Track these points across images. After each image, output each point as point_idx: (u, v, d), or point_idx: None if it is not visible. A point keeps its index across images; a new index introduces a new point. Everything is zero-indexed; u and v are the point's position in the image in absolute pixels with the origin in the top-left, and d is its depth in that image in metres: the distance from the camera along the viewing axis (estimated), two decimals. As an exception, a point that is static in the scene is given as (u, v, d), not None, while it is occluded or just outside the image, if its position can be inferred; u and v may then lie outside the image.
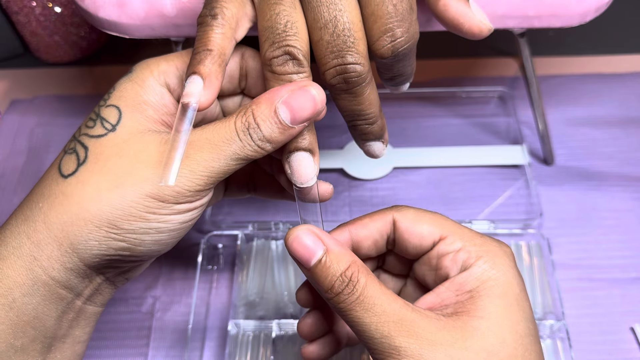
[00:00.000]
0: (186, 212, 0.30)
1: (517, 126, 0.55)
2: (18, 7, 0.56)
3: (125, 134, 0.30)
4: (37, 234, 0.29)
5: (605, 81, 0.58)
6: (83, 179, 0.29)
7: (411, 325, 0.27)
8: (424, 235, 0.31)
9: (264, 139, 0.29)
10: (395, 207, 0.32)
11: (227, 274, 0.47)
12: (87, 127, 0.30)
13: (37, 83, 0.61)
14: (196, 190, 0.29)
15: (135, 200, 0.28)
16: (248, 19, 0.31)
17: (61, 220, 0.28)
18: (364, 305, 0.28)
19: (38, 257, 0.29)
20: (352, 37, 0.29)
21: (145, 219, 0.29)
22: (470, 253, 0.30)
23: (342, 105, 0.31)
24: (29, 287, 0.29)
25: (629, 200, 0.50)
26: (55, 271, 0.29)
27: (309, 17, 0.30)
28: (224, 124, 0.29)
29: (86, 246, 0.29)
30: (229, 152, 0.28)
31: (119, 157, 0.29)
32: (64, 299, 0.30)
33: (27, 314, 0.29)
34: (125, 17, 0.38)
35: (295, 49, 0.29)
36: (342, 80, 0.30)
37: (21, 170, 0.54)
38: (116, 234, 0.29)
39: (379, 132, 0.33)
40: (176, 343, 0.44)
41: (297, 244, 0.29)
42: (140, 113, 0.30)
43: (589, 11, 0.39)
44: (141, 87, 0.31)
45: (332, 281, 0.28)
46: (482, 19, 0.32)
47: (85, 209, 0.28)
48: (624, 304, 0.45)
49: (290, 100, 0.28)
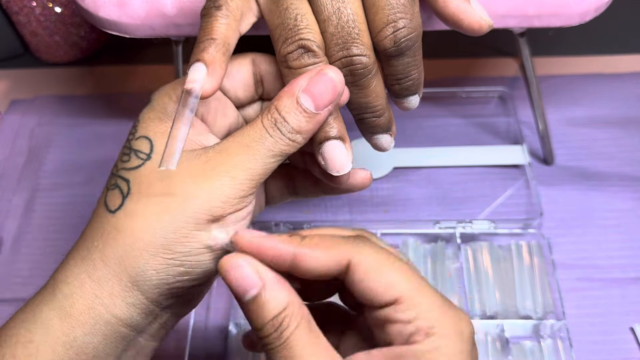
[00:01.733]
0: (235, 223, 0.29)
1: (517, 126, 0.55)
2: (18, 7, 0.56)
3: None
4: (96, 271, 0.28)
5: (605, 81, 0.58)
6: (130, 210, 0.28)
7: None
8: (378, 294, 0.27)
9: (293, 131, 0.28)
10: (357, 241, 0.28)
11: (227, 274, 0.47)
12: (123, 162, 0.30)
13: (37, 83, 0.61)
14: (241, 196, 0.28)
15: (185, 219, 0.28)
16: (252, 13, 0.31)
17: (117, 255, 0.28)
18: (285, 354, 0.26)
19: (99, 294, 0.28)
20: (357, 28, 0.29)
21: (197, 237, 0.28)
22: (420, 329, 0.26)
23: (348, 99, 0.31)
24: (91, 326, 0.28)
25: (629, 200, 0.50)
26: (117, 308, 0.28)
27: (312, 9, 0.30)
28: (252, 126, 0.29)
29: (144, 277, 0.28)
30: (263, 150, 0.28)
31: (160, 181, 0.29)
32: (126, 338, 0.29)
33: (86, 353, 0.28)
34: (125, 17, 0.38)
35: (308, 41, 0.29)
36: (348, 72, 0.30)
37: (21, 170, 0.54)
38: (172, 259, 0.28)
39: (387, 125, 0.33)
40: (176, 343, 0.44)
41: (232, 275, 0.27)
42: None
43: (588, 11, 0.39)
44: (164, 114, 0.31)
45: (263, 324, 0.26)
46: (482, 15, 0.32)
47: (138, 238, 0.28)
48: (624, 304, 0.45)
49: (309, 87, 0.28)
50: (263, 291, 0.26)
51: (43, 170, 0.54)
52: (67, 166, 0.54)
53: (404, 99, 0.33)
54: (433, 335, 0.26)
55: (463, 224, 0.47)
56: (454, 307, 0.27)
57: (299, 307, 0.27)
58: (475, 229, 0.47)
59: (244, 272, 0.26)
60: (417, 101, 0.34)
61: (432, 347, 0.26)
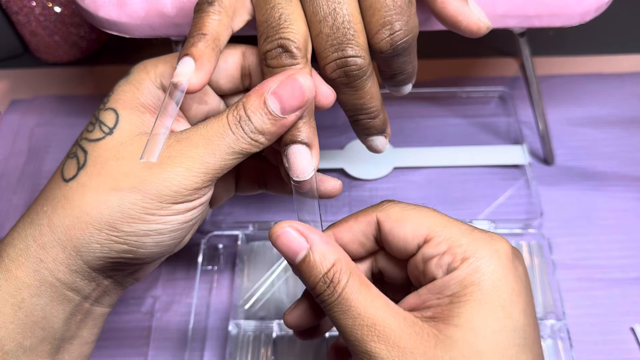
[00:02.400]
0: (186, 211, 0.30)
1: (517, 126, 0.55)
2: (18, 7, 0.56)
3: (123, 137, 0.30)
4: (42, 236, 0.29)
5: (605, 81, 0.58)
6: (83, 182, 0.29)
7: (384, 330, 0.26)
8: (408, 239, 0.29)
9: (256, 131, 0.28)
10: (382, 204, 0.30)
11: (228, 274, 0.47)
12: (87, 132, 0.31)
13: (37, 83, 0.61)
14: (194, 188, 0.29)
15: (133, 202, 0.28)
16: (246, 11, 0.31)
17: (64, 223, 0.29)
18: (341, 307, 0.27)
19: (44, 259, 0.29)
20: (352, 29, 0.29)
21: (144, 220, 0.29)
22: (456, 256, 0.27)
23: (343, 100, 0.31)
24: (37, 288, 0.29)
25: (630, 200, 0.50)
26: (61, 273, 0.29)
27: (307, 10, 0.30)
28: (216, 119, 0.29)
29: (89, 249, 0.29)
30: (223, 146, 0.28)
31: (116, 159, 0.29)
32: (72, 301, 0.30)
33: (35, 314, 0.29)
34: (125, 17, 0.38)
35: (288, 41, 0.29)
36: (343, 73, 0.30)
37: (21, 170, 0.54)
38: (117, 237, 0.29)
39: (381, 127, 0.33)
40: (176, 343, 0.44)
41: (281, 241, 0.29)
42: (137, 116, 0.31)
43: (589, 11, 0.39)
44: (138, 90, 0.31)
45: (315, 282, 0.28)
46: (480, 17, 0.32)
47: (86, 212, 0.28)
48: (624, 304, 0.45)
49: (278, 90, 0.28)
50: (311, 252, 0.28)
51: (43, 170, 0.54)
52: (67, 166, 0.54)
53: (396, 87, 0.34)
54: (469, 259, 0.27)
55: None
56: (484, 231, 0.28)
57: (347, 263, 0.28)
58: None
59: (291, 236, 0.28)
60: (409, 88, 0.34)
61: (472, 269, 0.27)
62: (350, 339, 0.27)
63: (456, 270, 0.27)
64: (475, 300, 0.26)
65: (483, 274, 0.26)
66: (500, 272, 0.27)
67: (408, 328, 0.26)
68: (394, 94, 0.35)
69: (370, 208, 0.30)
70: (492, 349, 0.25)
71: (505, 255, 0.27)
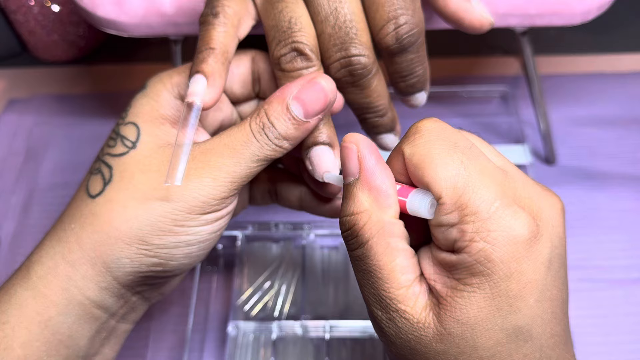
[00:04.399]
0: (214, 221, 0.30)
1: (519, 125, 0.54)
2: (16, 6, 0.56)
3: (146, 150, 0.30)
4: (71, 254, 0.29)
5: (607, 80, 0.58)
6: (110, 197, 0.29)
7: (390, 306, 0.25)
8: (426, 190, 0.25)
9: (280, 137, 0.28)
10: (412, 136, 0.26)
11: (227, 275, 0.47)
12: (109, 147, 0.31)
13: (35, 82, 0.60)
14: (221, 197, 0.29)
15: (163, 214, 0.28)
16: (251, 17, 0.31)
17: (93, 240, 0.29)
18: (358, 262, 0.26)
19: (73, 276, 0.29)
20: (355, 28, 0.29)
21: (174, 232, 0.29)
22: (465, 234, 0.23)
23: (350, 99, 0.31)
24: (65, 307, 0.29)
25: (632, 200, 0.50)
26: (90, 291, 0.29)
27: (309, 10, 0.30)
28: (239, 128, 0.29)
29: (119, 264, 0.29)
30: (248, 154, 0.28)
31: (142, 173, 0.29)
32: (99, 319, 0.30)
33: (61, 333, 0.29)
34: (123, 16, 0.38)
35: (301, 44, 0.29)
36: (348, 73, 0.29)
37: (19, 169, 0.54)
38: (147, 250, 0.29)
39: (390, 124, 0.33)
40: (175, 344, 0.44)
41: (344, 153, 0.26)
42: (157, 128, 0.31)
43: (591, 9, 0.38)
44: (156, 102, 0.31)
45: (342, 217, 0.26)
46: (482, 13, 0.32)
47: (115, 227, 0.28)
48: (626, 305, 0.45)
49: (300, 95, 0.28)
50: (358, 183, 0.25)
51: (41, 169, 0.54)
52: (65, 165, 0.54)
53: (410, 96, 0.33)
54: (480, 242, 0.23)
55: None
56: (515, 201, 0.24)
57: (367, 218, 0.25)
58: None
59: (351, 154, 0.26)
60: (424, 98, 0.33)
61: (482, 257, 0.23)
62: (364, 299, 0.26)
63: (465, 254, 0.24)
64: (482, 295, 0.24)
65: (494, 264, 0.23)
66: (515, 265, 0.23)
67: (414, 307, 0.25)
68: (407, 105, 0.33)
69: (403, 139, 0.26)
70: (489, 345, 0.24)
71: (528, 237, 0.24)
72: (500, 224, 0.23)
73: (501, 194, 0.24)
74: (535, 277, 0.24)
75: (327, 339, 0.43)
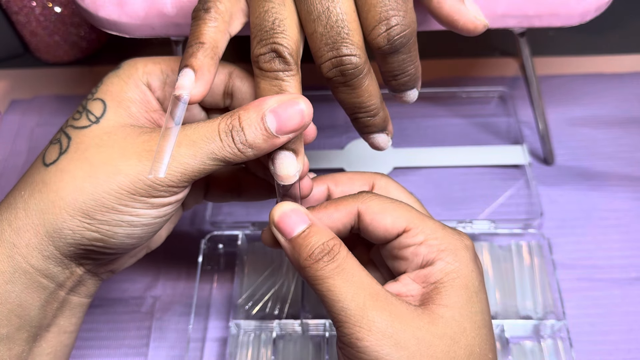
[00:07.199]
0: (160, 207, 0.30)
1: (517, 126, 0.55)
2: (18, 7, 0.56)
3: (108, 127, 0.30)
4: (17, 220, 0.29)
5: (605, 81, 0.58)
6: (62, 167, 0.29)
7: (386, 301, 0.28)
8: (388, 228, 0.31)
9: (246, 144, 0.29)
10: (360, 196, 0.32)
11: (228, 274, 0.47)
12: (74, 119, 0.31)
13: (37, 83, 0.61)
14: (168, 185, 0.29)
15: (107, 191, 0.28)
16: (243, 14, 0.31)
17: (39, 207, 0.29)
18: (343, 275, 0.28)
19: (17, 244, 0.29)
20: (346, 28, 0.29)
21: (117, 210, 0.29)
22: (432, 247, 0.30)
23: (341, 99, 0.31)
24: (10, 275, 0.29)
25: (630, 200, 0.50)
26: (34, 259, 0.29)
27: (302, 9, 0.29)
28: (207, 124, 0.29)
29: (60, 234, 0.29)
30: (206, 150, 0.28)
31: (97, 147, 0.29)
32: (46, 288, 0.30)
33: (10, 302, 0.29)
34: (125, 17, 0.38)
35: (281, 46, 0.29)
36: (339, 72, 0.30)
37: (21, 170, 0.54)
38: (89, 224, 0.29)
39: (382, 124, 0.33)
40: (176, 343, 0.44)
41: (282, 218, 0.30)
42: (124, 108, 0.31)
43: (589, 11, 0.39)
44: (126, 84, 0.32)
45: (313, 249, 0.29)
46: (476, 15, 0.32)
47: (61, 197, 0.29)
48: (624, 304, 0.45)
49: (278, 109, 0.28)
50: (310, 227, 0.30)
51: (43, 170, 0.54)
52: (67, 166, 0.54)
53: (401, 93, 0.33)
54: (446, 249, 0.30)
55: (463, 224, 0.47)
56: (452, 228, 0.32)
57: (342, 242, 0.30)
58: (475, 229, 0.47)
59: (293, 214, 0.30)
60: (415, 95, 0.34)
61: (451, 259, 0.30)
62: (351, 307, 0.27)
63: (437, 260, 0.30)
64: (457, 286, 0.29)
65: (460, 263, 0.30)
66: (472, 264, 0.30)
67: (405, 305, 0.28)
68: (399, 101, 0.34)
69: (350, 198, 0.32)
70: (472, 328, 0.29)
71: (471, 250, 0.31)
72: (455, 240, 0.31)
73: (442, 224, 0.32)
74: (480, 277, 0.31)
75: (327, 337, 0.43)
